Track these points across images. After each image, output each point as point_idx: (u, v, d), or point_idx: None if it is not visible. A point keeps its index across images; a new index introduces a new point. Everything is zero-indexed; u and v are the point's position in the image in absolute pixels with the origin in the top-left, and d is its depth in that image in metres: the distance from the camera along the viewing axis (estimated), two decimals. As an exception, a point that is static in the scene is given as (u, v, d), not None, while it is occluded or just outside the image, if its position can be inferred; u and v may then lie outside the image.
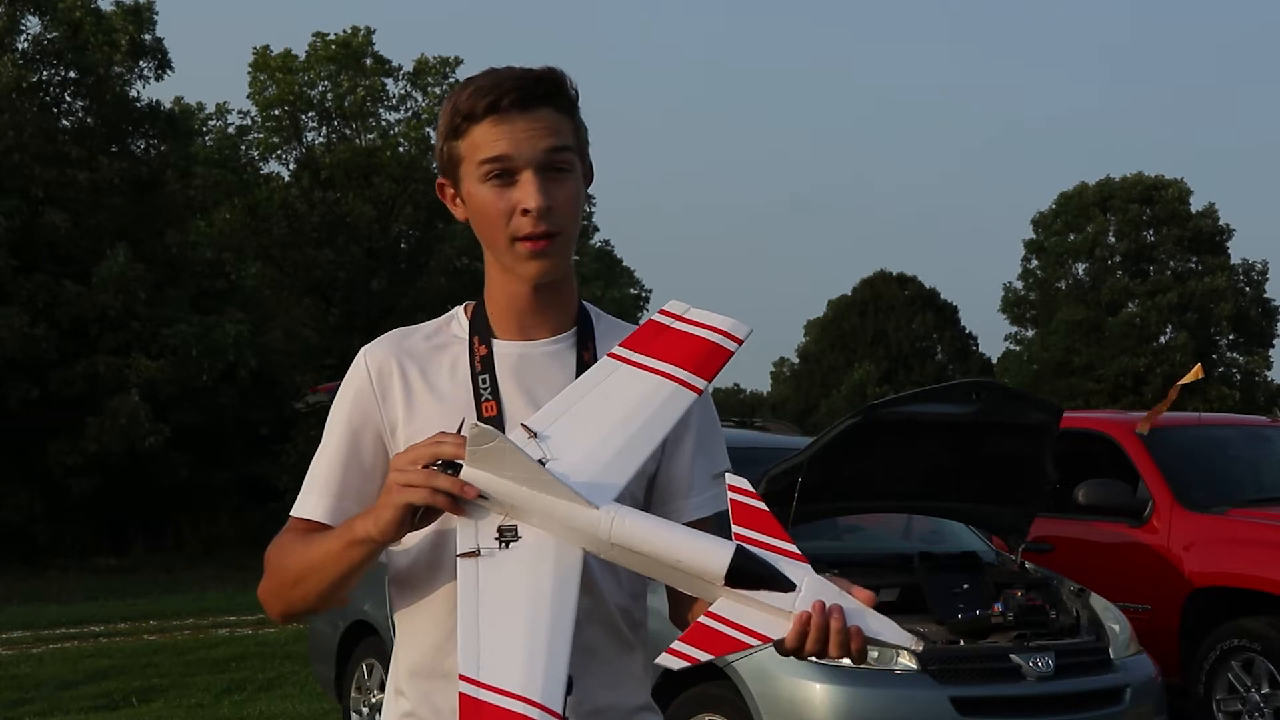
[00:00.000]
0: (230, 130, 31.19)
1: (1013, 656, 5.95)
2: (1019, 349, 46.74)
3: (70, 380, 22.14)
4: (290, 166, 31.54)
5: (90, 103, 24.86)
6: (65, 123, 24.93)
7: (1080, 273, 45.28)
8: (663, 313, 1.84)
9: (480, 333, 1.92)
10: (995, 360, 48.31)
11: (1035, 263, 46.11)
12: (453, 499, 1.65)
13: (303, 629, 9.97)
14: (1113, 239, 44.63)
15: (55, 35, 24.32)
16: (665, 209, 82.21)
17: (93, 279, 22.28)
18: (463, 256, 30.53)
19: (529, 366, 1.90)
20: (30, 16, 24.34)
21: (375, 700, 7.64)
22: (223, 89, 78.83)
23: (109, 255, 22.39)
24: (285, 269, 30.08)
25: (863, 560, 6.82)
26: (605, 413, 1.74)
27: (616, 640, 1.88)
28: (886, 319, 48.30)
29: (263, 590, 1.92)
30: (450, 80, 31.75)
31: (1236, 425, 10.02)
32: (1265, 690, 7.33)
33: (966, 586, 6.43)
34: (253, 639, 12.55)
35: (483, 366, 1.89)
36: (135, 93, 25.45)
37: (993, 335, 70.31)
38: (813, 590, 1.56)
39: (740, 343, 1.81)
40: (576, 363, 1.91)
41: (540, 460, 1.66)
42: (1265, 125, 76.12)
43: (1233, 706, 7.44)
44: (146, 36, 25.22)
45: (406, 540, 1.85)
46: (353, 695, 7.82)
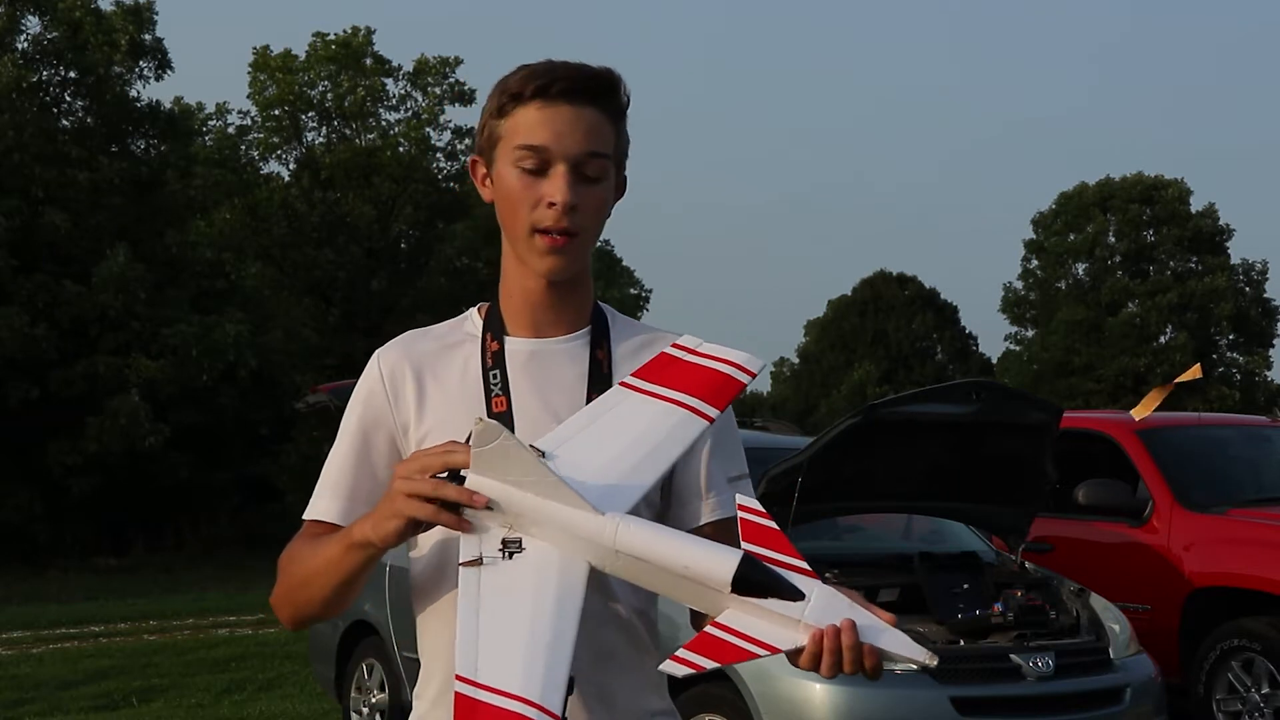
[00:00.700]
0: (230, 130, 31.21)
1: (1013, 656, 5.95)
2: (1019, 349, 46.75)
3: (70, 380, 22.14)
4: (290, 166, 31.57)
5: (90, 103, 24.87)
6: (65, 123, 24.93)
7: (1080, 273, 45.28)
8: (675, 346, 1.83)
9: (493, 329, 1.92)
10: (995, 360, 48.31)
11: (1035, 263, 46.12)
12: (458, 515, 1.63)
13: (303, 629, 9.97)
14: (1113, 239, 44.64)
15: (55, 35, 24.32)
16: (665, 209, 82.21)
17: (93, 279, 22.28)
18: (463, 256, 30.55)
19: (541, 363, 1.89)
20: (30, 16, 24.34)
21: (375, 700, 7.65)
22: (223, 89, 78.89)
23: (109, 255, 22.40)
24: (285, 269, 30.08)
25: (863, 560, 6.82)
26: (616, 436, 1.73)
27: (632, 643, 1.87)
28: (886, 319, 48.31)
29: (275, 596, 1.92)
30: (450, 80, 31.75)
31: (1236, 425, 10.02)
32: (1265, 690, 7.33)
33: (966, 586, 6.43)
34: (253, 639, 12.55)
35: (494, 362, 1.88)
36: (135, 93, 25.47)
37: (993, 335, 70.35)
38: (822, 600, 1.54)
39: (753, 376, 1.80)
40: (589, 361, 1.89)
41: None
42: (1265, 125, 76.20)
43: (1233, 706, 7.44)
44: (146, 36, 25.22)
45: (423, 543, 1.85)
46: (353, 695, 7.83)
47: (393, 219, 30.91)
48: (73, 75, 24.77)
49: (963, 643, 6.04)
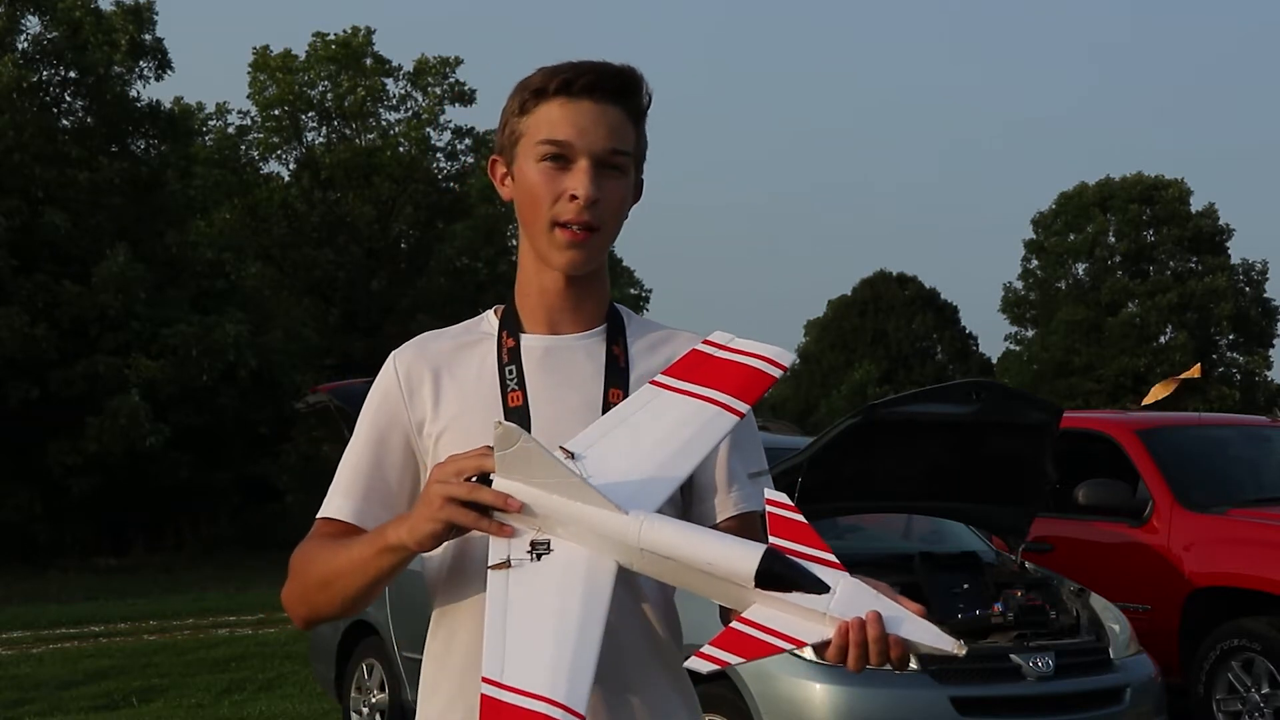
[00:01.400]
0: (230, 130, 31.21)
1: (1013, 656, 5.95)
2: (1019, 349, 46.76)
3: (70, 380, 22.15)
4: (290, 166, 31.58)
5: (90, 103, 24.87)
6: (65, 123, 24.94)
7: (1080, 273, 45.29)
8: (706, 342, 1.83)
9: (509, 327, 1.92)
10: (995, 360, 48.31)
11: (1035, 263, 46.13)
12: (494, 519, 1.63)
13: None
14: (1113, 239, 44.65)
15: (55, 35, 24.32)
16: (665, 209, 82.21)
17: (93, 279, 22.28)
18: (463, 256, 30.56)
19: (556, 358, 1.89)
20: (30, 16, 24.35)
21: (375, 700, 7.65)
22: (223, 89, 78.95)
23: (109, 255, 22.40)
24: (285, 269, 30.08)
25: (863, 560, 6.81)
26: (646, 434, 1.73)
27: (656, 643, 1.87)
28: (886, 319, 48.32)
29: (287, 594, 1.91)
30: (450, 80, 31.76)
31: (1236, 425, 10.01)
32: (1265, 690, 7.33)
33: (966, 586, 6.43)
34: (253, 639, 12.55)
35: (509, 358, 1.89)
36: (135, 93, 25.48)
37: (993, 335, 70.32)
38: (848, 593, 1.53)
39: (784, 369, 1.80)
40: (606, 357, 1.90)
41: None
42: (1265, 125, 76.19)
43: (1233, 706, 7.44)
44: (146, 36, 25.23)
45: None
46: (353, 695, 7.83)
47: (393, 219, 30.92)
48: (73, 75, 24.78)
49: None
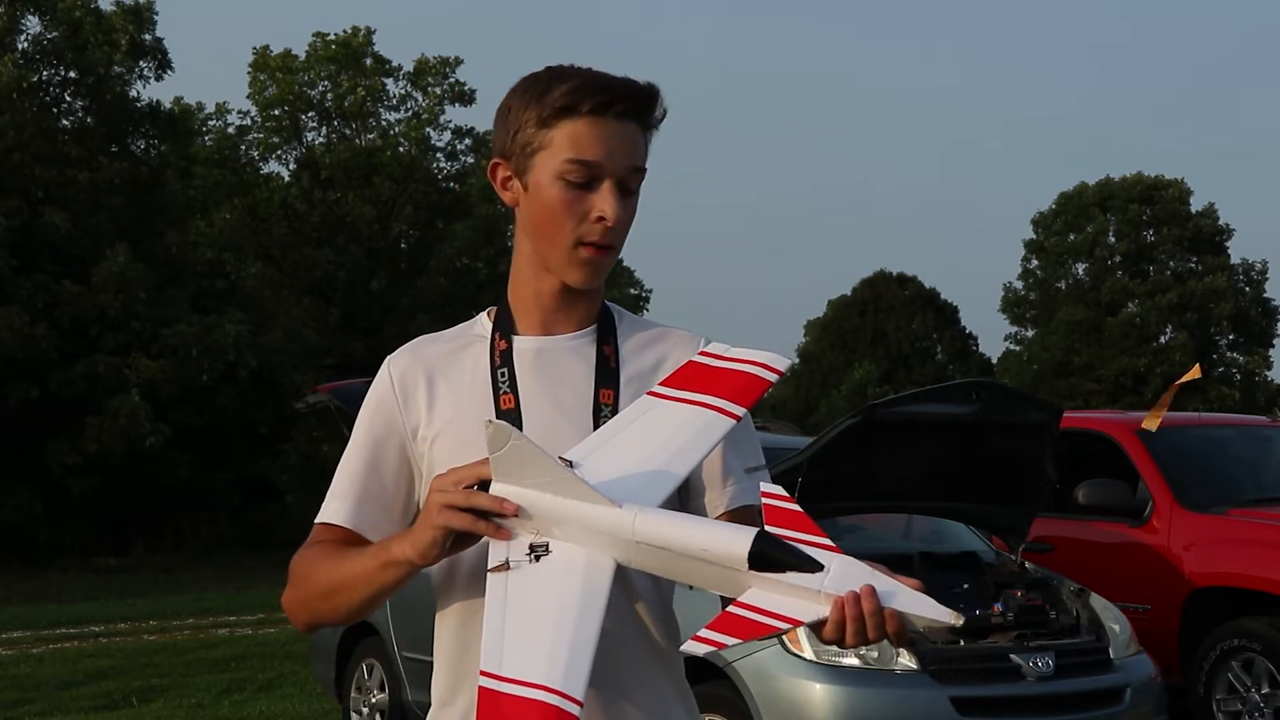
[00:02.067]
0: (230, 130, 31.20)
1: (1013, 656, 5.95)
2: (1019, 349, 46.76)
3: (70, 380, 22.15)
4: (290, 166, 31.57)
5: (90, 103, 24.87)
6: (65, 123, 24.94)
7: (1080, 273, 45.29)
8: (703, 354, 1.84)
9: (502, 328, 1.93)
10: (995, 360, 48.31)
11: (1035, 263, 46.13)
12: (493, 522, 1.65)
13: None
14: (1113, 239, 44.65)
15: (55, 35, 24.32)
16: (665, 209, 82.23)
17: (93, 279, 22.29)
18: (463, 256, 30.55)
19: (548, 360, 1.90)
20: (30, 16, 24.35)
21: (375, 700, 7.65)
22: (223, 89, 78.97)
23: (109, 255, 22.41)
24: (285, 269, 30.09)
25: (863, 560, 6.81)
26: (643, 441, 1.75)
27: (654, 644, 1.87)
28: (886, 319, 48.32)
29: (288, 600, 1.91)
30: (450, 80, 31.75)
31: (1236, 425, 10.01)
32: (1265, 690, 7.33)
33: (966, 586, 6.43)
34: (253, 639, 12.55)
35: (501, 360, 1.90)
36: (135, 93, 25.49)
37: (993, 335, 70.35)
38: (842, 570, 1.53)
39: (780, 374, 1.81)
40: (596, 357, 1.90)
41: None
42: (1265, 125, 76.20)
43: (1233, 706, 7.44)
44: (146, 36, 25.23)
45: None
46: (353, 695, 7.83)
47: (393, 219, 30.92)
48: (73, 75, 24.78)
49: (963, 643, 6.04)
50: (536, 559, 1.64)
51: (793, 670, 5.60)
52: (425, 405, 1.89)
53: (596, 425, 1.83)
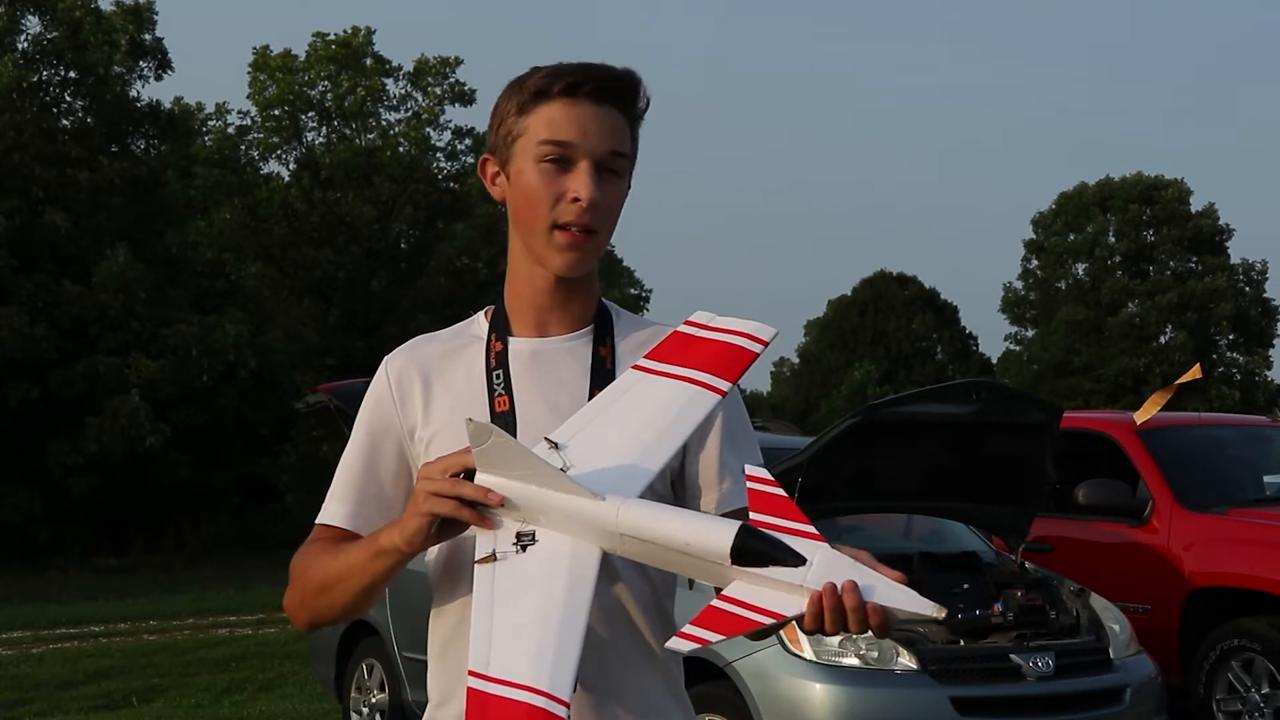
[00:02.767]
0: (230, 130, 31.18)
1: (1013, 656, 5.95)
2: (1019, 349, 46.74)
3: (70, 380, 22.15)
4: (290, 166, 31.56)
5: (90, 103, 24.87)
6: (65, 123, 24.94)
7: (1080, 273, 45.28)
8: (688, 323, 1.83)
9: (498, 330, 1.93)
10: (995, 360, 48.29)
11: (1035, 263, 46.11)
12: (477, 510, 1.65)
13: (303, 629, 9.96)
14: (1113, 239, 44.64)
15: (55, 35, 24.32)
16: (665, 209, 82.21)
17: (93, 279, 22.28)
18: (463, 256, 30.53)
19: (543, 361, 1.90)
20: (30, 16, 24.35)
21: (375, 700, 7.65)
22: (223, 89, 78.96)
23: (109, 255, 22.41)
24: (285, 269, 30.09)
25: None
26: (627, 420, 1.74)
27: (646, 641, 1.87)
28: (886, 319, 48.31)
29: (289, 600, 1.92)
30: (450, 80, 31.74)
31: (1236, 425, 10.01)
32: (1265, 690, 7.33)
33: (966, 586, 6.43)
34: (253, 639, 12.55)
35: (497, 362, 1.90)
36: (135, 93, 25.49)
37: (993, 335, 70.40)
38: (825, 564, 1.52)
39: (765, 344, 1.80)
40: (592, 358, 1.90)
41: (561, 469, 1.66)
42: (1265, 125, 76.18)
43: (1233, 706, 7.44)
44: (146, 36, 25.24)
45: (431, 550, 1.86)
46: (353, 695, 7.83)
47: (393, 219, 30.91)
48: (73, 75, 24.78)
49: (963, 643, 6.04)
50: (523, 549, 1.64)
51: (793, 670, 5.61)
52: (421, 406, 1.90)
53: None
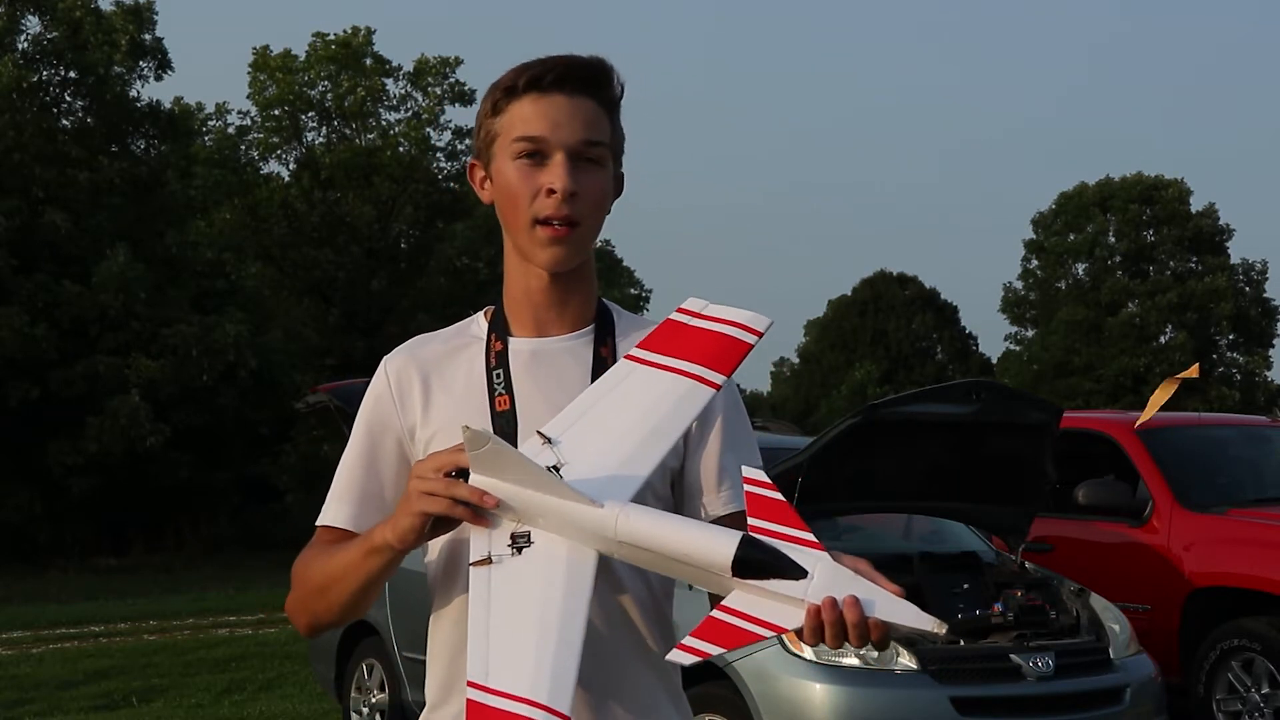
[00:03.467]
0: (230, 130, 31.18)
1: (1013, 656, 5.95)
2: (1019, 349, 46.73)
3: (70, 380, 22.15)
4: (290, 166, 31.56)
5: (90, 103, 24.87)
6: (65, 123, 24.94)
7: (1080, 273, 45.27)
8: (680, 310, 1.81)
9: (498, 330, 1.92)
10: (995, 360, 48.29)
11: (1035, 263, 46.11)
12: (471, 509, 1.64)
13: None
14: (1113, 239, 44.63)
15: (55, 35, 24.33)
16: (665, 208, 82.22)
17: (93, 279, 22.28)
18: (463, 256, 30.53)
19: (544, 361, 1.89)
20: (30, 16, 24.36)
21: (375, 700, 7.65)
22: (223, 89, 78.88)
23: (109, 255, 22.41)
24: (285, 269, 30.09)
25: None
26: (621, 414, 1.72)
27: (645, 643, 1.86)
28: (886, 319, 48.30)
29: (290, 603, 1.92)
30: (450, 80, 31.75)
31: (1236, 425, 10.01)
32: (1265, 690, 7.33)
33: (966, 586, 6.43)
34: (253, 639, 12.55)
35: (497, 362, 1.89)
36: (135, 93, 25.49)
37: (993, 335, 70.30)
38: (826, 577, 1.52)
39: (760, 335, 1.78)
40: (593, 358, 1.89)
41: (555, 466, 1.65)
42: (1265, 125, 76.15)
43: (1233, 706, 7.44)
44: (146, 36, 25.24)
45: (434, 547, 1.86)
46: (353, 695, 7.83)
47: (393, 219, 30.91)
48: (73, 75, 24.78)
49: (963, 643, 6.04)
50: (519, 550, 1.63)
51: (793, 670, 5.60)
52: (421, 405, 1.89)
53: None
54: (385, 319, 29.21)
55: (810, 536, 1.55)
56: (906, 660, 5.73)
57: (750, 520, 1.57)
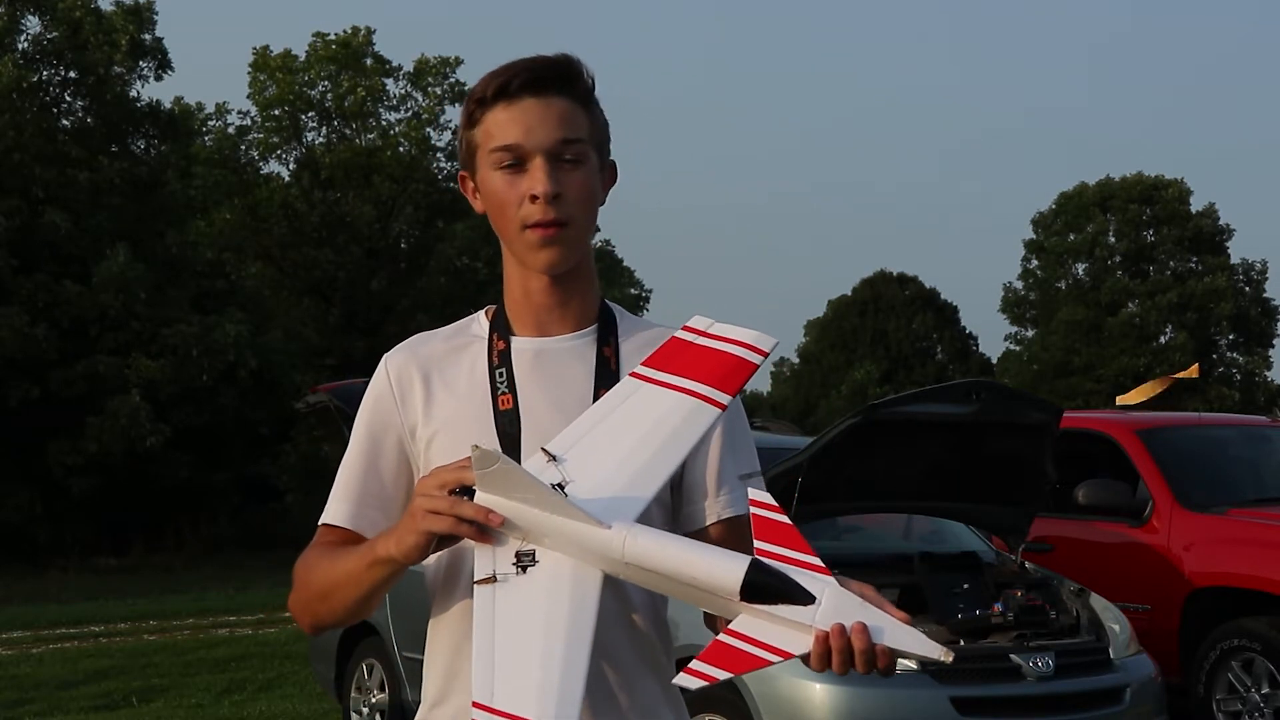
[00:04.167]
0: (230, 130, 31.20)
1: (1013, 656, 5.95)
2: (1019, 349, 46.76)
3: (70, 380, 22.15)
4: (290, 166, 31.57)
5: (90, 103, 24.88)
6: (65, 123, 24.95)
7: (1080, 273, 45.30)
8: (686, 329, 1.81)
9: (499, 329, 1.92)
10: (995, 360, 48.31)
11: (1035, 263, 46.13)
12: (476, 527, 1.63)
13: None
14: (1113, 239, 44.65)
15: (55, 35, 24.33)
16: (665, 209, 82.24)
17: (93, 279, 22.29)
18: (463, 256, 30.54)
19: (547, 361, 1.89)
20: (30, 16, 24.36)
21: (375, 700, 7.65)
22: (223, 89, 78.94)
23: (109, 255, 22.41)
24: (285, 269, 30.09)
25: (863, 560, 6.82)
26: (626, 433, 1.71)
27: (646, 652, 1.87)
28: (886, 319, 48.30)
29: (292, 602, 1.92)
30: (450, 80, 31.76)
31: (1236, 425, 10.02)
32: (1265, 690, 7.33)
33: (966, 586, 6.42)
34: (253, 639, 12.55)
35: (500, 361, 1.89)
36: (135, 93, 25.49)
37: (993, 335, 70.27)
38: (834, 602, 1.52)
39: (765, 355, 1.78)
40: (596, 359, 1.89)
41: (560, 484, 1.64)
42: (1265, 125, 76.14)
43: (1233, 706, 7.44)
44: (146, 36, 25.24)
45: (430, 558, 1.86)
46: (353, 695, 7.83)
47: (393, 219, 30.92)
48: (73, 75, 24.79)
49: (963, 643, 6.04)
50: (524, 569, 1.62)
51: (793, 670, 5.60)
52: (422, 404, 1.89)
53: None
54: (385, 319, 29.21)
55: (817, 561, 1.55)
56: (906, 660, 5.72)
57: (757, 544, 1.57)
